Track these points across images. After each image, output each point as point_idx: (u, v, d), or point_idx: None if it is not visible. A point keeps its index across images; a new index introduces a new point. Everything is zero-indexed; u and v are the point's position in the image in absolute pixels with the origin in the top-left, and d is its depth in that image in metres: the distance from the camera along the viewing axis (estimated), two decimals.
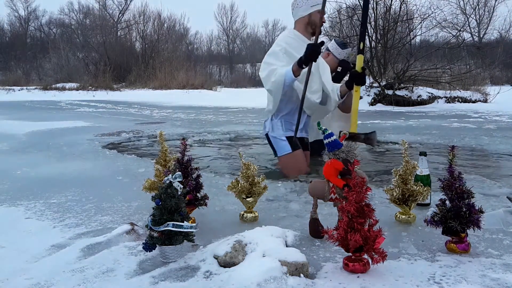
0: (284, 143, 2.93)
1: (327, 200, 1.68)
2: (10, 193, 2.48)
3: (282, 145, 2.94)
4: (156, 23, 29.06)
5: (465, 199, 1.48)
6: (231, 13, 43.17)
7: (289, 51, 2.84)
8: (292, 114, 2.93)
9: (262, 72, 2.82)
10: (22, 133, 5.54)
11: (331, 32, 13.80)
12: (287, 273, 1.28)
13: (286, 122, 2.97)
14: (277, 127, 2.97)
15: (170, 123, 7.28)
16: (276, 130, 2.97)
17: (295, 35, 2.98)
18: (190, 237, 1.47)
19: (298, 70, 2.60)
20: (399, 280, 1.29)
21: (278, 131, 2.97)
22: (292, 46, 2.87)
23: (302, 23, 2.99)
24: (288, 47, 2.86)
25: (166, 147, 2.05)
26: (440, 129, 5.88)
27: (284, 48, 2.85)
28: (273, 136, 3.00)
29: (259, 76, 2.88)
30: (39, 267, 1.44)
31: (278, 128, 2.97)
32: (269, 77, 2.73)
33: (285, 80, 2.64)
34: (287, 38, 2.94)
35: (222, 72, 40.36)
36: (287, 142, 2.92)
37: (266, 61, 2.84)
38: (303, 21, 2.97)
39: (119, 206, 2.18)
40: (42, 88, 20.26)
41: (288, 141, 2.92)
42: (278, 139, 2.96)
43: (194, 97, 17.01)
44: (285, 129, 2.96)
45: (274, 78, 2.68)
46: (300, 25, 2.99)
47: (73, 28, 35.54)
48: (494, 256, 1.48)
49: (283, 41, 2.92)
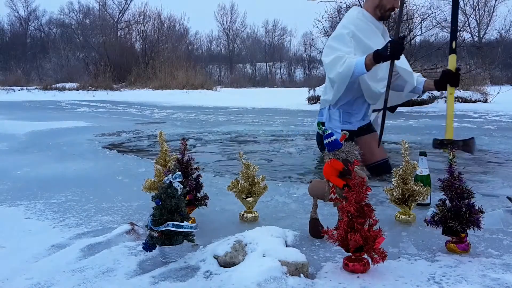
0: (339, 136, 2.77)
1: (327, 200, 1.68)
2: (10, 193, 2.48)
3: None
4: (156, 23, 29.10)
5: (465, 199, 1.48)
6: (231, 13, 43.22)
7: (357, 36, 2.57)
8: (351, 104, 2.72)
9: (326, 57, 2.57)
10: (22, 133, 5.55)
11: (331, 32, 13.78)
12: (287, 273, 1.28)
13: (344, 113, 2.75)
14: (335, 117, 2.76)
15: (170, 123, 7.28)
16: (333, 121, 2.75)
17: (364, 16, 2.68)
18: (190, 237, 1.47)
19: (373, 64, 2.36)
20: (399, 280, 1.29)
21: (335, 122, 2.75)
22: (361, 30, 2.60)
23: (371, 4, 2.68)
24: (357, 31, 2.58)
25: (166, 147, 2.05)
26: (440, 129, 5.88)
27: (352, 32, 2.58)
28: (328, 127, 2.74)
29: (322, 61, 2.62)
30: (39, 267, 1.44)
31: (335, 118, 2.75)
32: (334, 65, 2.48)
33: (353, 73, 2.41)
34: (356, 20, 2.64)
35: (222, 72, 40.39)
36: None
37: (331, 45, 2.59)
38: (373, 2, 2.67)
39: (119, 206, 2.18)
40: (42, 88, 20.28)
41: None
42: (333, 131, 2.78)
43: (194, 97, 17.01)
44: (343, 121, 2.75)
45: (341, 68, 2.44)
46: (370, 6, 2.69)
47: (73, 28, 35.58)
48: (494, 256, 1.48)
49: (352, 23, 2.63)
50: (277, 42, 44.71)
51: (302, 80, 34.49)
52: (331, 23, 13.89)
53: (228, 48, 42.97)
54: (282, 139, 5.06)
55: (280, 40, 44.92)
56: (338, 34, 2.62)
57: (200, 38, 44.33)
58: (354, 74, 2.42)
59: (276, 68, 42.18)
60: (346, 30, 2.59)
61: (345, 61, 2.43)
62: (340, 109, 2.75)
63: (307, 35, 35.72)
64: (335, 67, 2.48)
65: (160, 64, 22.78)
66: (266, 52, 43.16)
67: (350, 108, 2.75)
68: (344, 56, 2.46)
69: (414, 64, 11.59)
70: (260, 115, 9.16)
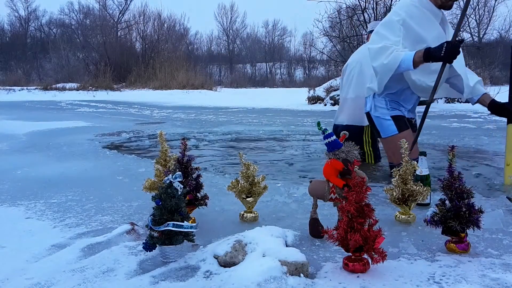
0: (389, 123, 2.58)
1: (327, 200, 1.68)
2: (10, 193, 2.48)
3: (387, 125, 2.59)
4: (156, 23, 29.11)
5: (464, 199, 1.48)
6: (231, 13, 43.19)
7: (408, 23, 2.40)
8: (399, 94, 2.58)
9: (372, 44, 2.44)
10: (22, 133, 5.55)
11: (331, 32, 13.79)
12: (287, 273, 1.28)
13: (391, 101, 2.62)
14: (381, 105, 2.62)
15: (170, 123, 7.28)
16: (380, 109, 2.62)
17: (420, 2, 2.45)
18: (190, 237, 1.48)
19: (421, 62, 2.24)
20: (399, 280, 1.29)
21: (381, 110, 2.61)
22: (414, 17, 2.41)
23: None
24: (408, 18, 2.41)
25: (166, 147, 2.05)
26: (440, 129, 5.88)
27: (402, 19, 2.40)
28: (376, 116, 2.64)
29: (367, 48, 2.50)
30: (39, 267, 1.44)
31: (381, 106, 2.62)
32: (380, 55, 2.36)
33: (399, 67, 2.29)
34: (410, 7, 2.45)
35: (222, 72, 40.38)
36: (392, 122, 2.58)
37: (379, 31, 2.46)
38: None
39: (119, 206, 2.18)
40: (42, 88, 20.28)
41: (393, 121, 2.58)
42: (382, 119, 2.61)
43: (194, 97, 17.02)
44: (390, 108, 2.60)
45: (386, 60, 2.32)
46: None
47: (73, 28, 35.59)
48: (494, 256, 1.48)
49: (404, 9, 2.45)
50: (277, 42, 44.69)
51: (302, 80, 34.45)
52: (331, 23, 13.90)
53: (228, 48, 42.95)
54: (282, 139, 5.06)
55: (280, 40, 44.90)
56: (388, 21, 2.46)
57: (200, 38, 44.39)
58: (399, 69, 2.30)
59: (276, 68, 42.16)
60: (397, 17, 2.43)
61: (391, 52, 2.30)
62: (386, 97, 2.61)
63: (307, 35, 35.73)
64: (380, 57, 2.36)
65: (160, 64, 22.79)
66: (266, 52, 43.14)
67: (398, 98, 2.61)
68: (391, 47, 2.32)
69: None
70: (260, 115, 9.16)
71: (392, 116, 2.58)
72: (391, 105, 2.60)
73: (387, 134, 2.61)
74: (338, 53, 14.58)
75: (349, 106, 3.42)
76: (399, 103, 2.61)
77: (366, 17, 11.90)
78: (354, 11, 12.24)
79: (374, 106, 2.64)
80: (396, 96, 2.59)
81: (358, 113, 3.31)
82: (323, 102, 12.43)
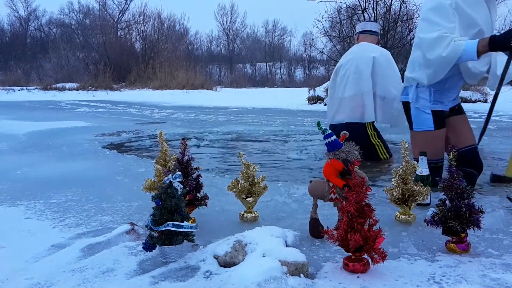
0: (427, 117, 2.42)
1: (327, 200, 1.68)
2: (10, 193, 2.48)
3: (424, 118, 2.43)
4: (156, 23, 29.10)
5: (465, 199, 1.48)
6: (231, 13, 43.19)
7: (461, 7, 2.20)
8: (444, 81, 2.37)
9: (424, 33, 2.26)
10: (22, 133, 5.55)
11: (331, 32, 13.80)
12: (287, 273, 1.28)
13: (435, 92, 2.42)
14: (424, 96, 2.43)
15: (170, 123, 7.28)
16: (422, 101, 2.44)
17: None
18: (190, 237, 1.47)
19: (486, 52, 2.07)
20: (399, 280, 1.29)
21: (423, 101, 2.43)
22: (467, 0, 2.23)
23: None
24: (461, 2, 2.21)
25: (166, 147, 2.05)
26: None
27: (455, 2, 2.20)
28: (416, 107, 2.47)
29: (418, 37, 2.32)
30: (39, 267, 1.44)
31: (424, 97, 2.43)
32: (436, 45, 2.17)
33: (460, 58, 2.12)
34: None
35: (222, 72, 40.38)
36: (431, 117, 2.41)
37: (430, 18, 2.25)
38: None
39: (119, 206, 2.18)
40: (42, 88, 20.27)
41: (433, 116, 2.41)
42: (422, 111, 2.45)
43: (194, 97, 17.02)
44: (433, 101, 2.42)
45: (446, 52, 2.13)
46: None
47: (73, 28, 35.60)
48: (494, 256, 1.48)
49: None
50: (277, 42, 44.69)
51: (302, 80, 34.46)
52: (331, 23, 13.91)
53: (228, 48, 42.95)
54: (282, 139, 5.06)
55: (280, 40, 44.90)
56: (439, 5, 2.23)
57: (200, 38, 44.38)
58: (460, 60, 2.14)
59: (276, 68, 42.16)
60: (448, 0, 2.22)
61: (449, 43, 2.12)
62: (431, 88, 2.41)
63: (307, 35, 35.74)
64: (437, 48, 2.17)
65: (160, 64, 22.79)
66: (266, 52, 43.13)
67: (443, 86, 2.41)
68: (448, 36, 2.14)
69: None
70: (260, 115, 9.16)
71: (433, 111, 2.42)
72: (435, 97, 2.42)
73: (421, 127, 2.45)
74: (338, 53, 14.57)
75: (347, 104, 3.45)
76: (443, 94, 2.44)
77: (366, 17, 11.90)
78: (354, 11, 12.25)
79: (417, 97, 2.45)
80: (441, 84, 2.39)
81: (358, 110, 3.38)
82: (323, 102, 12.43)
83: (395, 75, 3.43)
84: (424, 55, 2.27)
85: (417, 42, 2.37)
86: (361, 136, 3.30)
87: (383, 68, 3.36)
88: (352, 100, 3.40)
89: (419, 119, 2.47)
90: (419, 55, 2.35)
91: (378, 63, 3.35)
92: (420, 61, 2.37)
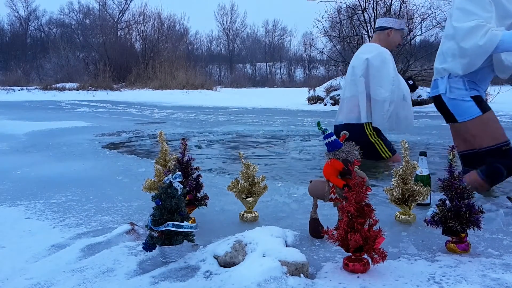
0: (470, 104, 2.31)
1: (327, 200, 1.68)
2: (10, 193, 2.48)
3: (467, 106, 2.32)
4: (156, 23, 29.14)
5: (465, 199, 1.48)
6: (231, 13, 43.22)
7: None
8: (476, 73, 2.31)
9: (459, 22, 2.20)
10: (22, 133, 5.55)
11: (331, 32, 13.80)
12: (287, 273, 1.28)
13: (469, 82, 2.36)
14: (458, 86, 2.34)
15: (170, 123, 7.28)
16: (457, 91, 2.34)
17: None
18: (190, 237, 1.47)
19: None
20: (399, 280, 1.29)
21: (459, 91, 2.34)
22: None
23: None
24: None
25: (166, 147, 2.05)
26: (440, 129, 5.88)
27: None
28: (451, 98, 2.37)
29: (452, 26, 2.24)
30: (39, 267, 1.44)
31: (458, 87, 2.34)
32: (473, 35, 2.13)
33: (496, 48, 2.09)
34: None
35: (222, 72, 40.40)
36: (473, 103, 2.31)
37: (465, 8, 2.21)
38: None
39: (119, 206, 2.18)
40: (42, 88, 20.29)
41: (475, 102, 2.31)
42: (460, 101, 2.34)
43: (194, 97, 17.03)
44: (469, 88, 2.33)
45: (482, 41, 2.09)
46: None
47: (73, 28, 35.62)
48: (494, 256, 1.48)
49: None
50: (277, 42, 44.73)
51: (302, 80, 34.49)
52: (331, 23, 13.91)
53: (228, 48, 42.97)
54: (282, 139, 5.06)
55: (280, 40, 44.95)
56: None
57: (200, 38, 44.43)
58: (496, 50, 2.11)
59: (276, 68, 42.19)
60: None
61: (487, 32, 2.09)
62: (463, 78, 2.35)
63: (307, 35, 35.77)
64: (473, 37, 2.13)
65: (160, 64, 22.80)
66: (266, 52, 43.16)
67: (475, 78, 2.36)
68: (485, 25, 2.10)
69: (414, 64, 11.60)
70: (260, 115, 9.16)
71: (472, 97, 2.32)
72: (470, 85, 2.34)
73: (468, 116, 2.32)
74: (338, 53, 14.59)
75: (346, 105, 3.49)
76: (476, 83, 2.37)
77: (366, 17, 11.91)
78: (354, 11, 12.25)
79: (450, 88, 2.36)
80: (473, 75, 2.34)
81: (355, 110, 3.40)
82: (323, 102, 12.43)
83: (388, 76, 3.31)
84: (459, 44, 2.22)
85: (449, 33, 2.32)
86: (360, 136, 3.29)
87: (375, 69, 3.33)
88: (350, 101, 3.44)
89: (460, 109, 2.35)
90: (452, 45, 2.30)
91: (371, 64, 3.32)
92: (453, 52, 2.31)
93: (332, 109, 11.22)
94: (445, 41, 2.38)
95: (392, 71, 3.31)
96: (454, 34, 2.25)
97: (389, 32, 3.44)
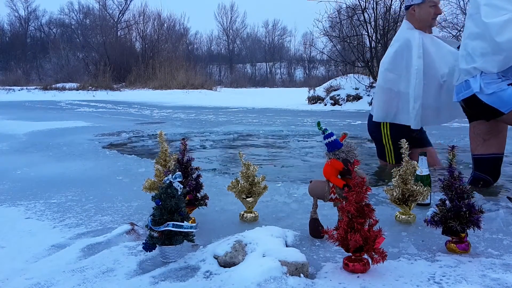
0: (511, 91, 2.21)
1: (327, 200, 1.68)
2: (10, 193, 2.48)
3: (509, 94, 2.21)
4: (156, 23, 29.16)
5: (465, 199, 1.48)
6: (231, 13, 43.22)
7: None
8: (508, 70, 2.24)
9: (489, 18, 2.14)
10: (22, 133, 5.55)
11: (331, 32, 13.80)
12: (287, 273, 1.28)
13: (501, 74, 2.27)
14: (492, 79, 2.24)
15: (170, 123, 7.28)
16: (492, 84, 2.24)
17: None
18: (190, 237, 1.47)
19: None
20: (399, 280, 1.29)
21: (495, 84, 2.24)
22: None
23: None
24: None
25: (166, 147, 2.05)
26: (440, 129, 5.87)
27: None
28: (489, 94, 2.25)
29: (483, 22, 2.17)
30: (39, 267, 1.44)
31: (492, 81, 2.25)
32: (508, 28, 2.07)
33: None
34: None
35: (222, 72, 40.41)
36: None
37: (493, 3, 2.16)
38: None
39: (119, 206, 2.18)
40: (42, 88, 20.29)
41: None
42: (499, 92, 2.22)
43: (194, 97, 17.03)
44: (504, 79, 2.24)
45: None
46: None
47: (73, 28, 35.62)
48: (494, 256, 1.48)
49: None
50: (277, 42, 44.73)
51: (302, 80, 34.49)
52: (331, 23, 13.91)
53: (228, 48, 42.97)
54: (282, 139, 5.06)
55: (280, 40, 44.95)
56: None
57: (200, 38, 44.43)
58: None
59: (276, 68, 42.19)
60: None
61: None
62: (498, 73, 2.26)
63: (307, 35, 35.80)
64: (507, 31, 2.07)
65: (160, 64, 22.82)
66: (266, 52, 43.16)
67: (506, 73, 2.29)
68: None
69: None
70: (260, 115, 9.17)
71: (509, 84, 2.23)
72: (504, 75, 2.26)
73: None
74: (338, 53, 14.59)
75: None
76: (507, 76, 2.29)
77: (366, 17, 11.91)
78: (354, 11, 12.25)
79: (484, 84, 2.26)
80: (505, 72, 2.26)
81: (373, 107, 3.16)
82: (323, 102, 12.43)
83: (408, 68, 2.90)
84: (493, 40, 2.14)
85: (473, 32, 2.26)
86: (378, 134, 3.16)
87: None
88: None
89: (503, 100, 2.22)
90: (478, 44, 2.24)
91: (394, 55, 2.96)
92: (482, 50, 2.24)
93: (332, 109, 11.23)
94: (468, 41, 2.31)
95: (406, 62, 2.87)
96: (485, 30, 2.17)
97: (412, 9, 2.91)
